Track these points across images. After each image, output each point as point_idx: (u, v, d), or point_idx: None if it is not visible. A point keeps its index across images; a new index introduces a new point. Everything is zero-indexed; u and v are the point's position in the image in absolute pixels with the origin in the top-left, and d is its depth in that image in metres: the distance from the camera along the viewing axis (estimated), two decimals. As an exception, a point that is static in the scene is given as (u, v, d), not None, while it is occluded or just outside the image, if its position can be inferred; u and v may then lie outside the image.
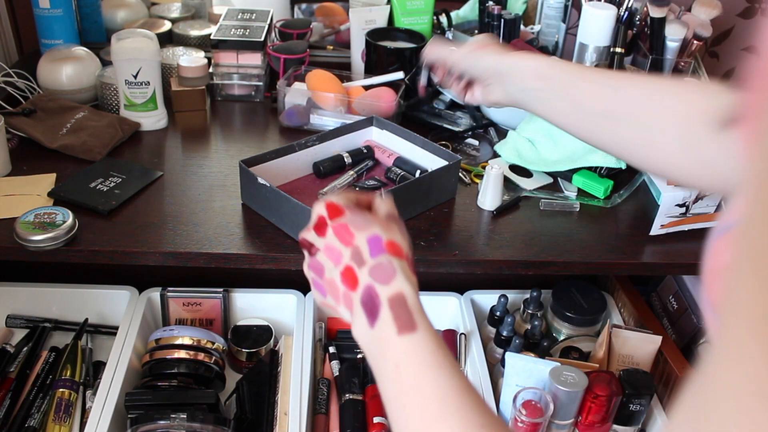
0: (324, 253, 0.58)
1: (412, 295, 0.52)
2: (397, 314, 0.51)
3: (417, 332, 0.50)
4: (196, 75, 1.14)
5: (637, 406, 0.96)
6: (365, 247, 0.55)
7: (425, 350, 0.49)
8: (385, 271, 0.53)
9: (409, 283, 0.53)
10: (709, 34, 1.18)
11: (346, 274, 0.55)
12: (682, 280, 1.17)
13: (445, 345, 0.50)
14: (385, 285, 0.52)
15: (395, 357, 0.49)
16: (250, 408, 1.00)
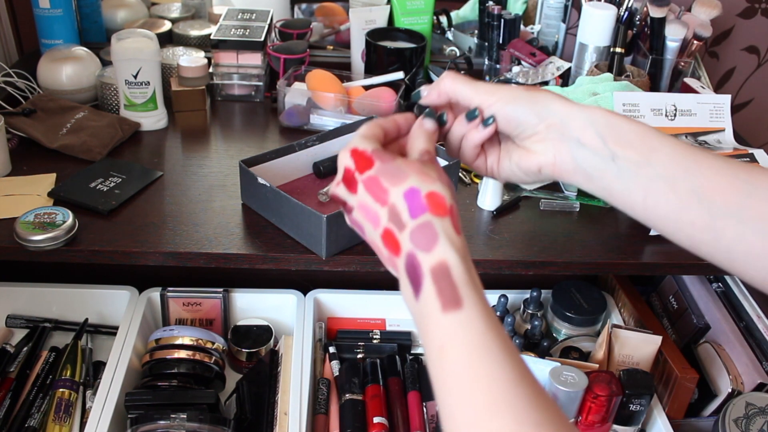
0: (359, 212, 0.52)
1: (457, 264, 0.46)
2: (440, 288, 0.45)
3: (463, 309, 0.44)
4: (196, 75, 1.14)
5: (637, 406, 0.96)
6: (403, 205, 0.48)
7: (473, 331, 0.43)
8: (427, 235, 0.47)
9: (453, 250, 0.46)
10: (709, 34, 1.18)
11: (386, 237, 0.50)
12: (682, 280, 1.17)
13: (498, 323, 0.44)
14: (427, 252, 0.46)
15: (439, 337, 0.44)
16: (250, 408, 1.00)
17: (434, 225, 0.47)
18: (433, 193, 0.48)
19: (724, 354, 1.04)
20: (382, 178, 0.50)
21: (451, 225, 0.48)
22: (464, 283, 0.45)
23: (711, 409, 1.04)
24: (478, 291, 0.45)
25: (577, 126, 0.54)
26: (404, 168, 0.50)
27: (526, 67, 1.19)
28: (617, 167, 0.53)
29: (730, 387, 1.00)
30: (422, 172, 0.50)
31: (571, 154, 0.55)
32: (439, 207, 0.48)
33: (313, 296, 1.13)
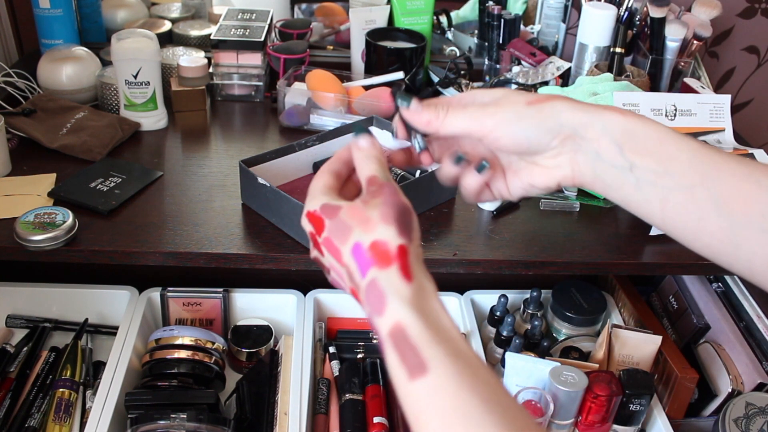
0: (332, 272, 0.50)
1: (413, 321, 0.42)
2: (402, 354, 0.41)
3: (429, 374, 0.40)
4: (196, 75, 1.14)
5: (637, 406, 0.96)
6: (353, 265, 0.46)
7: (444, 396, 0.39)
8: (376, 296, 0.44)
9: (405, 306, 0.42)
10: (709, 34, 1.18)
11: (355, 297, 0.48)
12: (682, 280, 1.17)
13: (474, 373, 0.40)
14: (380, 316, 0.43)
15: (412, 407, 0.41)
16: (250, 408, 1.00)
17: (379, 282, 0.44)
18: (374, 243, 0.45)
19: (724, 354, 1.05)
20: (334, 238, 0.47)
21: (399, 274, 0.44)
22: (426, 343, 0.41)
23: (711, 409, 1.04)
24: (445, 344, 0.41)
25: (593, 136, 0.51)
26: (347, 220, 0.47)
27: (526, 67, 1.19)
28: (635, 177, 0.50)
29: (730, 387, 1.00)
30: (363, 220, 0.46)
31: (588, 166, 0.52)
32: (383, 258, 0.44)
33: (313, 296, 1.13)
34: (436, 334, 0.42)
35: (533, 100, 0.52)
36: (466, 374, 0.40)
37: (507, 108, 0.52)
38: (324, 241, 0.48)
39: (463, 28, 1.39)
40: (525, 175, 0.55)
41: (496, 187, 0.57)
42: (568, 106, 0.51)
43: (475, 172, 0.54)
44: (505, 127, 0.51)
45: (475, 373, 0.40)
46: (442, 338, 0.41)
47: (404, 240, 0.46)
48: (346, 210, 0.48)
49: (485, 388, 0.40)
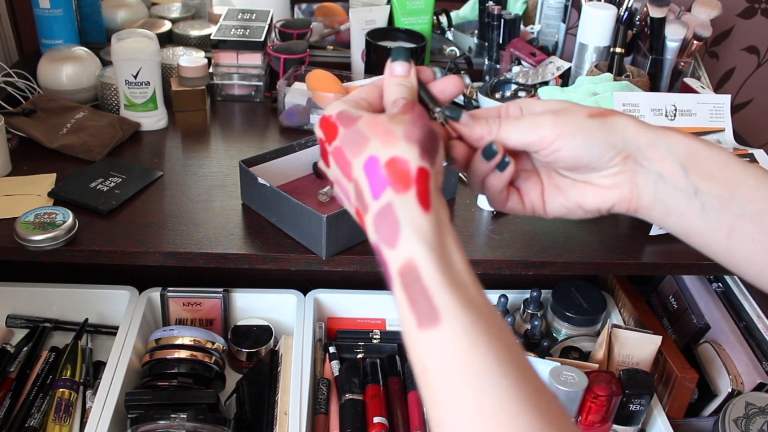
0: (336, 186, 0.46)
1: (428, 261, 0.37)
2: (412, 298, 0.37)
3: (441, 326, 0.36)
4: (196, 75, 1.14)
5: (637, 406, 0.96)
6: (365, 181, 0.41)
7: (456, 352, 0.35)
8: (388, 224, 0.39)
9: (420, 242, 0.38)
10: (709, 34, 1.18)
11: (359, 218, 0.43)
12: (682, 280, 1.17)
13: (489, 330, 0.36)
14: (392, 249, 0.39)
15: (420, 359, 0.37)
16: (250, 408, 1.00)
17: (395, 209, 0.39)
18: (393, 159, 0.40)
19: (724, 354, 1.05)
20: (345, 149, 0.43)
21: (417, 202, 0.39)
22: (440, 288, 0.37)
23: (711, 409, 1.04)
24: (460, 293, 0.37)
25: (656, 156, 0.46)
26: (365, 131, 0.42)
27: (526, 67, 1.19)
28: (700, 203, 0.46)
29: (730, 387, 1.00)
30: (385, 132, 0.41)
31: (650, 188, 0.47)
32: (401, 178, 0.40)
33: (313, 296, 1.13)
34: (450, 278, 0.37)
35: (595, 113, 0.47)
36: (480, 329, 0.36)
37: (567, 119, 0.47)
38: (334, 150, 0.44)
39: (463, 28, 1.39)
40: (574, 194, 0.50)
41: (530, 198, 0.52)
42: (632, 123, 0.47)
43: (497, 171, 0.48)
44: (566, 140, 0.46)
45: (490, 328, 0.36)
46: (457, 283, 0.37)
47: (426, 162, 0.41)
48: (366, 119, 0.43)
49: (500, 345, 0.36)
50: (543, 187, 0.51)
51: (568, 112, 0.47)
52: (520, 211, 0.52)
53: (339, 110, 0.45)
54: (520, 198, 0.51)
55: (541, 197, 0.51)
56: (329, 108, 0.45)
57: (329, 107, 0.46)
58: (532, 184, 0.51)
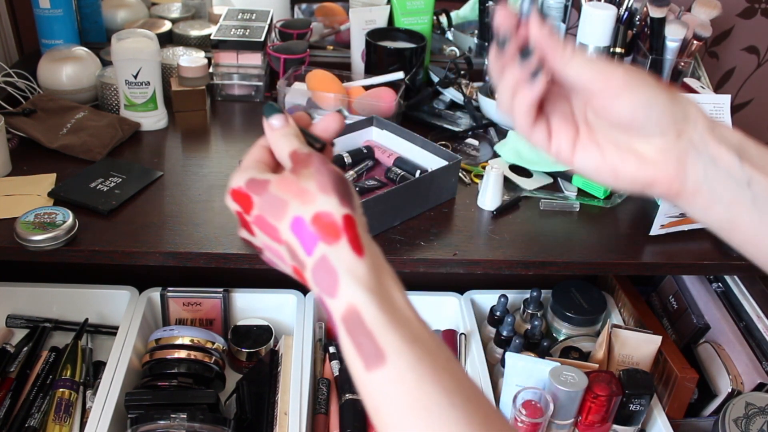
0: (267, 252, 0.47)
1: (368, 304, 0.38)
2: (357, 342, 0.38)
3: (387, 364, 0.37)
4: (196, 75, 1.14)
5: (637, 406, 0.96)
6: (295, 242, 0.42)
7: (404, 388, 0.37)
8: (326, 275, 0.40)
9: (359, 287, 0.39)
10: (709, 34, 1.18)
11: (298, 275, 0.45)
12: (682, 280, 1.17)
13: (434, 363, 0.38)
14: (332, 298, 0.40)
15: (371, 399, 0.38)
16: (250, 408, 1.00)
17: (330, 260, 0.40)
18: (317, 215, 0.41)
19: (724, 354, 1.05)
20: (267, 215, 0.43)
21: (350, 249, 0.40)
22: (383, 328, 0.38)
23: (711, 409, 1.04)
24: (403, 329, 0.38)
25: (713, 140, 0.44)
26: (280, 194, 0.43)
27: (526, 67, 1.19)
28: (752, 194, 0.44)
29: (730, 387, 1.00)
30: (299, 191, 0.42)
31: (699, 170, 0.45)
32: (329, 231, 0.41)
33: (313, 296, 1.13)
34: (392, 317, 0.38)
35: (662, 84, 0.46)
36: (426, 363, 0.37)
37: (638, 75, 0.45)
38: (255, 219, 0.44)
39: (463, 28, 1.39)
40: (614, 157, 0.47)
41: (559, 140, 0.49)
42: (695, 104, 0.45)
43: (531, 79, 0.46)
44: (632, 93, 0.45)
45: (436, 361, 0.38)
46: (399, 322, 0.38)
47: (347, 209, 0.42)
48: (276, 183, 0.44)
49: (447, 377, 0.37)
50: (578, 136, 0.49)
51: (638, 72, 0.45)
52: (544, 147, 0.49)
53: (246, 179, 0.45)
54: (548, 134, 0.49)
55: (572, 145, 0.49)
56: (233, 180, 0.46)
57: (232, 180, 0.46)
58: (565, 127, 0.49)
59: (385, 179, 0.99)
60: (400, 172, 0.98)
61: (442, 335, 1.11)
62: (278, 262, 0.47)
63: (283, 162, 0.47)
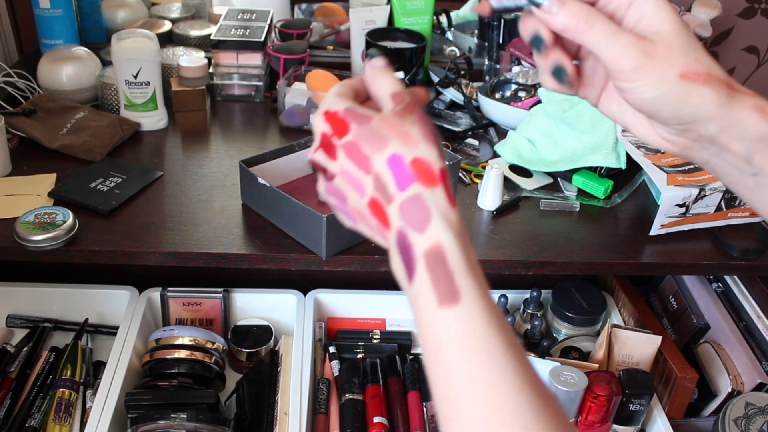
0: (342, 178, 0.46)
1: (454, 247, 0.40)
2: (435, 278, 0.39)
3: (461, 304, 0.38)
4: (196, 75, 1.14)
5: (637, 406, 0.96)
6: (388, 175, 0.43)
7: (472, 330, 0.38)
8: (418, 211, 0.41)
9: (449, 230, 0.40)
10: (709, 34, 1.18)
11: (373, 207, 0.44)
12: (682, 280, 1.17)
13: (500, 318, 0.39)
14: (420, 233, 0.41)
15: (435, 335, 0.39)
16: (250, 408, 1.00)
17: (425, 199, 0.41)
18: (417, 159, 0.42)
19: (724, 354, 1.05)
20: (362, 144, 0.44)
21: (445, 197, 0.42)
22: (462, 272, 0.39)
23: (711, 409, 1.04)
24: (478, 280, 0.39)
25: (724, 140, 0.45)
26: (383, 131, 0.43)
27: (526, 67, 1.19)
28: (755, 183, 0.46)
29: (729, 387, 1.00)
30: (403, 134, 0.43)
31: (704, 157, 0.47)
32: (427, 176, 0.42)
33: (313, 296, 1.13)
34: (470, 266, 0.40)
35: (688, 75, 0.44)
36: (493, 314, 0.39)
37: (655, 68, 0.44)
38: (346, 145, 0.45)
39: (463, 28, 1.39)
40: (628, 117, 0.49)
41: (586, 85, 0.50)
42: (715, 102, 0.44)
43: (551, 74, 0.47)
44: (641, 88, 0.45)
45: (500, 317, 0.39)
46: (476, 272, 0.40)
47: (444, 163, 0.43)
48: (379, 120, 0.44)
49: (508, 334, 0.39)
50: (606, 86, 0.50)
51: (664, 57, 0.44)
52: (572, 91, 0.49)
53: (345, 107, 0.46)
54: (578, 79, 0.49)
55: (598, 93, 0.50)
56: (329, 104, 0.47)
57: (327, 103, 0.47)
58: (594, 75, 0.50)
59: (385, 179, 0.99)
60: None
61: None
62: (350, 191, 0.46)
63: (381, 101, 0.47)
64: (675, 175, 0.90)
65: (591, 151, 0.98)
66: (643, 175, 1.01)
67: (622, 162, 0.98)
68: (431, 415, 1.01)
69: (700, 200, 0.89)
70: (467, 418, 0.37)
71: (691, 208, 0.89)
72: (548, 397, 0.38)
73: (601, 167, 1.00)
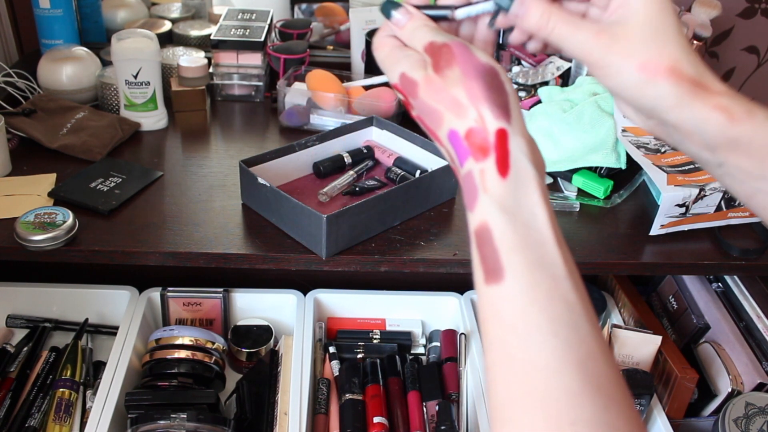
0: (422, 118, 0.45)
1: (500, 224, 0.39)
2: (483, 255, 0.39)
3: (504, 282, 0.38)
4: (196, 75, 1.14)
5: (637, 406, 0.96)
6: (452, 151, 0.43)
7: (512, 308, 0.37)
8: (469, 190, 0.41)
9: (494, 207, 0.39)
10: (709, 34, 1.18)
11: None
12: (682, 280, 1.17)
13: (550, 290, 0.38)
14: (470, 211, 0.41)
15: (483, 309, 0.39)
16: (250, 408, 1.00)
17: (474, 176, 0.40)
18: (470, 131, 0.41)
19: (724, 354, 1.05)
20: (425, 119, 0.44)
21: (495, 168, 0.40)
22: (509, 249, 0.38)
23: (711, 409, 1.04)
24: (528, 253, 0.38)
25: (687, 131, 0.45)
26: (433, 104, 0.42)
27: (526, 66, 1.19)
28: (721, 171, 0.46)
29: (729, 387, 1.00)
30: (451, 102, 0.42)
31: (673, 140, 0.48)
32: (480, 147, 0.40)
33: (313, 296, 1.13)
34: (522, 239, 0.39)
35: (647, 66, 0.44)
36: (542, 289, 0.37)
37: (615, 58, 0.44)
38: (417, 117, 0.45)
39: (463, 28, 1.39)
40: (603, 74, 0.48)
41: None
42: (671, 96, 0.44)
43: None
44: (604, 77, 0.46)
45: (554, 289, 0.38)
46: (529, 243, 0.39)
47: (502, 121, 0.40)
48: (425, 90, 0.43)
49: (560, 306, 0.37)
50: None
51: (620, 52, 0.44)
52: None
53: (400, 73, 0.44)
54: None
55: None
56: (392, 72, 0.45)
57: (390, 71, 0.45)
58: None
59: (385, 179, 0.99)
60: (400, 172, 0.98)
61: (442, 335, 1.11)
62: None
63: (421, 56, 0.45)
64: (675, 175, 0.90)
65: (591, 151, 0.98)
66: (643, 175, 1.01)
67: (622, 162, 0.98)
68: (431, 415, 1.01)
69: (700, 200, 0.89)
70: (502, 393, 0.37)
71: (691, 208, 0.89)
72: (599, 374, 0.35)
73: (601, 167, 1.00)
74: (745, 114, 0.44)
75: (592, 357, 0.36)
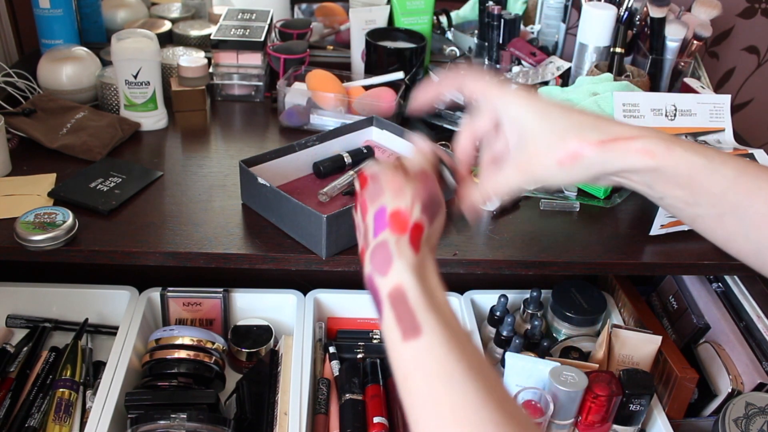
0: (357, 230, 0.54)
1: (413, 286, 0.44)
2: (399, 315, 0.44)
3: (422, 337, 0.43)
4: (196, 75, 1.14)
5: (637, 406, 0.96)
6: (371, 224, 0.49)
7: (432, 359, 0.42)
8: (383, 256, 0.46)
9: (409, 271, 0.45)
10: (709, 34, 1.18)
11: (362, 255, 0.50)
12: (682, 280, 1.17)
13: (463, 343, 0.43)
14: (383, 276, 0.46)
15: (402, 366, 0.44)
16: (250, 408, 1.00)
17: (389, 245, 0.46)
18: (397, 211, 0.48)
19: (724, 354, 1.05)
20: (367, 198, 0.51)
21: (409, 243, 0.47)
22: (422, 308, 0.44)
23: (711, 409, 1.04)
24: (438, 313, 0.44)
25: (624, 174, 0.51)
26: (384, 185, 0.50)
27: (526, 67, 1.19)
28: (665, 204, 0.52)
29: (730, 387, 1.00)
30: (397, 189, 0.49)
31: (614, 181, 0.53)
32: (399, 225, 0.47)
33: (313, 296, 1.13)
34: (431, 302, 0.44)
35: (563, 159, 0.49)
36: (453, 343, 0.43)
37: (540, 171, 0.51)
38: (362, 200, 0.52)
39: (463, 28, 1.39)
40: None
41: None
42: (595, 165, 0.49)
43: None
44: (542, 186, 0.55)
45: (462, 344, 0.43)
46: (437, 304, 0.45)
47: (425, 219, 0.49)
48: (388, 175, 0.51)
49: (471, 358, 0.42)
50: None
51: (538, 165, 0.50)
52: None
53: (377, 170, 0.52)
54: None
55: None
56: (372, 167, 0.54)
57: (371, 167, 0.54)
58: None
59: (385, 179, 0.99)
60: (400, 172, 0.98)
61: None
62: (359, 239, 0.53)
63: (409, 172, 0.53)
64: (675, 175, 0.90)
65: (591, 151, 0.98)
66: (643, 175, 1.01)
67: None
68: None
69: (700, 200, 0.89)
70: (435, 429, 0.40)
71: (691, 208, 0.89)
72: (514, 412, 0.40)
73: (601, 167, 1.00)
74: (664, 150, 0.48)
75: (507, 399, 0.41)
